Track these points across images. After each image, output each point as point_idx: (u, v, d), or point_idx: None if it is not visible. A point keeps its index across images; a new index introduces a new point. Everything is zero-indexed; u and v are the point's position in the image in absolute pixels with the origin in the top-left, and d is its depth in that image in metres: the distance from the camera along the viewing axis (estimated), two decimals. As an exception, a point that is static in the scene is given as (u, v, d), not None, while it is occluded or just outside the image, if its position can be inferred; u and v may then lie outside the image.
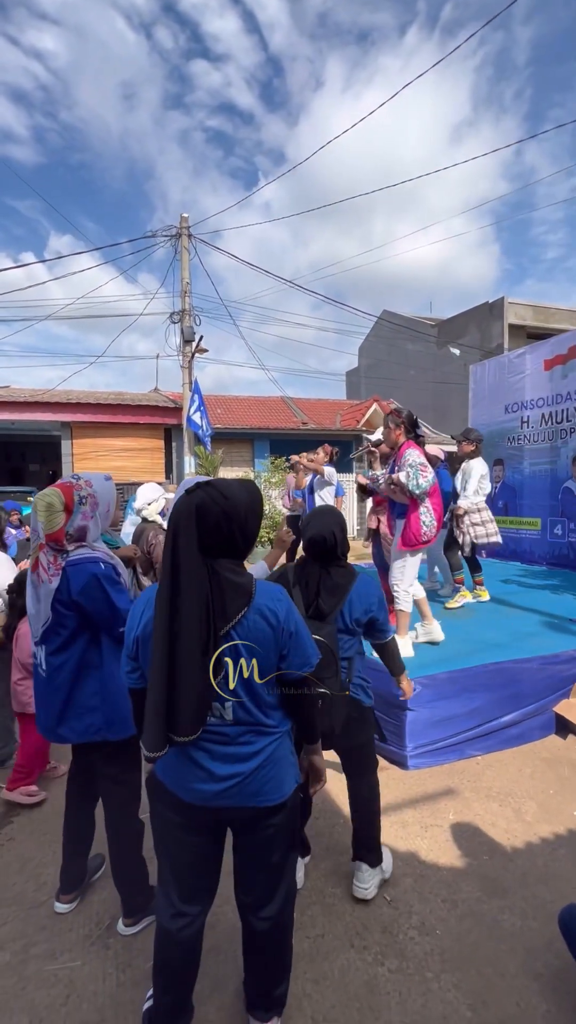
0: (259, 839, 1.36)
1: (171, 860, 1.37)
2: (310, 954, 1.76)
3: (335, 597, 1.86)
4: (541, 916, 1.90)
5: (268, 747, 1.31)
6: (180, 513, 1.21)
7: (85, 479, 1.80)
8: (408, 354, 20.94)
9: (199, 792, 1.29)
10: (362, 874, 1.98)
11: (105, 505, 1.83)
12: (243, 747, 1.29)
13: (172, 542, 1.20)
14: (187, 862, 1.37)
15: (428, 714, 2.94)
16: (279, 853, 1.39)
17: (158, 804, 1.37)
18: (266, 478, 12.01)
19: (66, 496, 1.73)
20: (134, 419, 14.23)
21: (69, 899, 1.98)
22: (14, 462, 19.01)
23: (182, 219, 11.24)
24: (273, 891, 1.40)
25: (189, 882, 1.37)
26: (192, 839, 1.35)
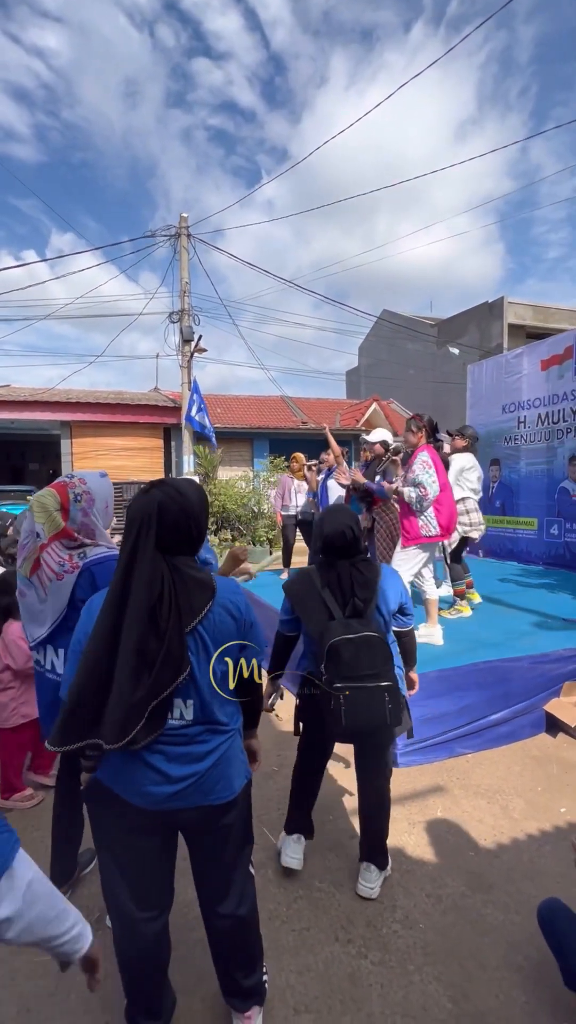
0: (213, 838, 1.36)
1: (120, 868, 1.31)
2: (295, 946, 1.79)
3: (367, 591, 1.86)
4: (524, 911, 1.93)
5: (222, 745, 1.32)
6: (140, 512, 1.23)
7: (79, 477, 1.82)
8: (408, 354, 20.95)
9: (152, 795, 1.25)
10: (371, 875, 2.01)
11: (103, 502, 1.84)
12: (199, 746, 1.28)
13: (132, 540, 1.22)
14: (140, 868, 1.32)
15: (418, 712, 2.96)
16: (233, 849, 1.39)
17: (102, 811, 1.32)
18: (265, 477, 12.03)
19: (60, 495, 1.75)
20: (134, 418, 14.27)
21: (61, 891, 2.00)
22: (14, 461, 19.07)
23: (181, 219, 11.27)
24: (229, 887, 1.40)
25: (144, 887, 1.34)
26: (143, 843, 1.31)
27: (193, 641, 1.25)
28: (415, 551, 3.46)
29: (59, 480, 1.82)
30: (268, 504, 11.51)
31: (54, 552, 1.71)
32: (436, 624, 3.63)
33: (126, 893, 1.31)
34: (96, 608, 1.31)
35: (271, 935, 1.82)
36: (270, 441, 15.61)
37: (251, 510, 11.36)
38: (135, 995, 1.41)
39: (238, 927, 1.42)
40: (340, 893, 2.02)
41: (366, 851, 2.05)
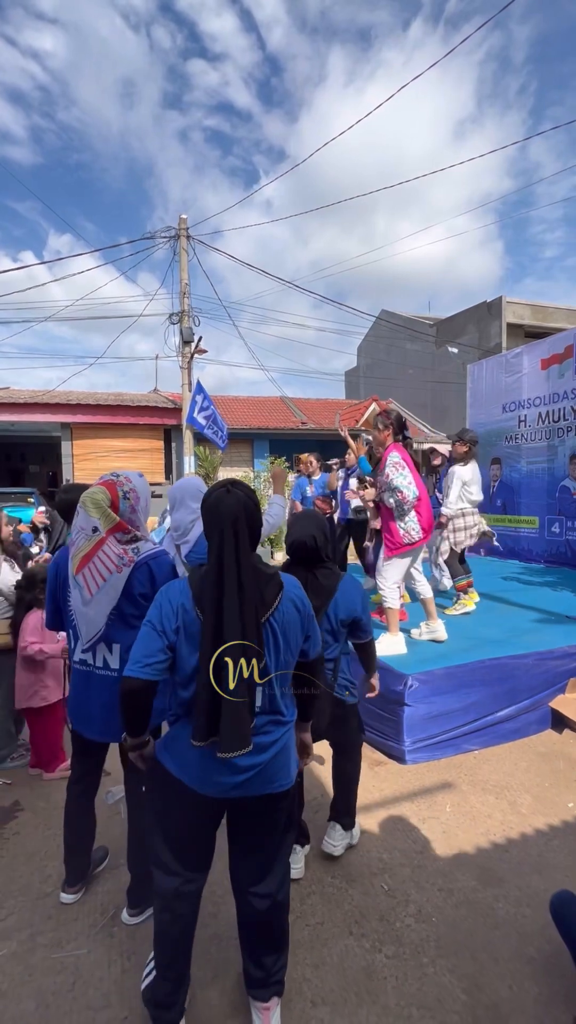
0: (266, 822, 1.43)
1: (172, 839, 1.41)
2: (310, 941, 1.81)
3: (320, 599, 1.92)
4: (535, 904, 1.95)
5: (283, 736, 1.39)
6: (233, 510, 1.28)
7: (124, 476, 1.88)
8: (407, 354, 20.99)
9: (219, 784, 1.32)
10: (335, 832, 2.16)
11: (144, 500, 1.91)
12: (265, 736, 1.34)
13: (233, 539, 1.26)
14: (189, 840, 1.42)
15: (425, 709, 2.99)
16: (280, 834, 1.46)
17: (164, 795, 1.40)
18: (265, 478, 12.06)
19: (111, 492, 1.80)
20: (134, 420, 14.29)
21: (74, 890, 2.02)
22: (14, 463, 19.07)
23: (180, 220, 11.29)
24: (271, 869, 1.46)
25: (189, 855, 1.43)
26: (198, 822, 1.40)
27: (265, 633, 1.31)
28: (398, 560, 3.42)
29: (106, 478, 1.86)
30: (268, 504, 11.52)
31: (113, 545, 1.74)
32: (436, 619, 3.64)
33: (172, 856, 1.40)
34: (175, 598, 1.34)
35: (285, 930, 1.84)
36: (270, 442, 15.64)
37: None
38: (165, 959, 1.46)
39: (274, 909, 1.47)
40: (352, 888, 2.04)
41: (333, 811, 2.22)
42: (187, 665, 1.31)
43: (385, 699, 2.98)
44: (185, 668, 1.32)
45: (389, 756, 3.00)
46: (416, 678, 3.01)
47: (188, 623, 1.31)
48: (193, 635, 1.30)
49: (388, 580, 3.44)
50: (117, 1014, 1.57)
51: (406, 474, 3.30)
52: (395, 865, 2.16)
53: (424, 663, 3.20)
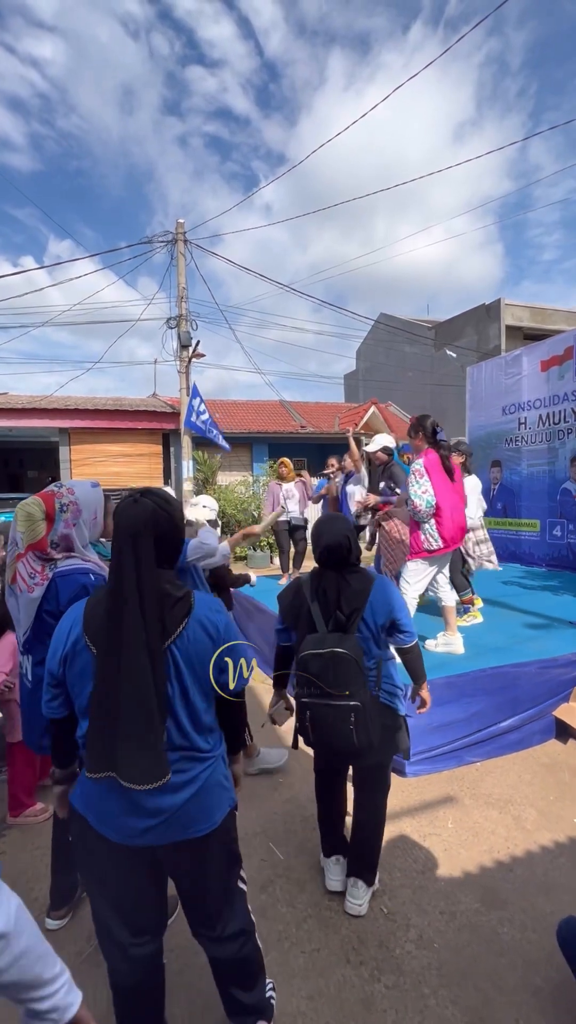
0: (195, 869, 1.27)
1: (106, 898, 1.24)
2: (305, 969, 1.72)
3: (356, 604, 1.81)
4: (540, 928, 1.86)
5: (201, 774, 1.23)
6: (137, 521, 1.16)
7: (67, 487, 1.78)
8: (406, 356, 20.97)
9: (125, 829, 1.17)
10: (358, 891, 1.95)
11: (91, 512, 1.80)
12: (176, 776, 1.18)
13: (132, 552, 1.15)
14: (122, 897, 1.24)
15: (426, 720, 2.90)
16: (216, 877, 1.30)
17: (79, 839, 1.24)
18: (265, 482, 11.99)
19: (47, 504, 1.71)
20: (132, 424, 14.23)
21: (60, 915, 1.95)
22: (12, 469, 19.02)
23: (178, 225, 11.27)
24: (216, 911, 1.32)
25: (132, 916, 1.26)
26: (124, 875, 1.22)
27: (167, 662, 1.17)
28: (421, 564, 3.38)
29: (48, 489, 1.78)
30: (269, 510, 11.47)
31: (27, 563, 1.68)
32: (455, 632, 3.55)
33: (115, 920, 1.25)
34: (65, 624, 1.24)
35: (280, 958, 1.76)
36: (269, 445, 15.57)
37: (251, 515, 11.32)
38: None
39: (231, 945, 1.36)
40: (350, 911, 1.96)
41: (355, 866, 1.98)
42: (81, 698, 1.20)
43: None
44: (80, 701, 1.21)
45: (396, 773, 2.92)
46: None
47: (78, 651, 1.20)
48: (85, 666, 1.19)
49: (408, 585, 3.37)
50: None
51: (423, 483, 3.24)
52: (395, 886, 2.08)
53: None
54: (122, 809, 1.16)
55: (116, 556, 1.17)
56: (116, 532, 1.18)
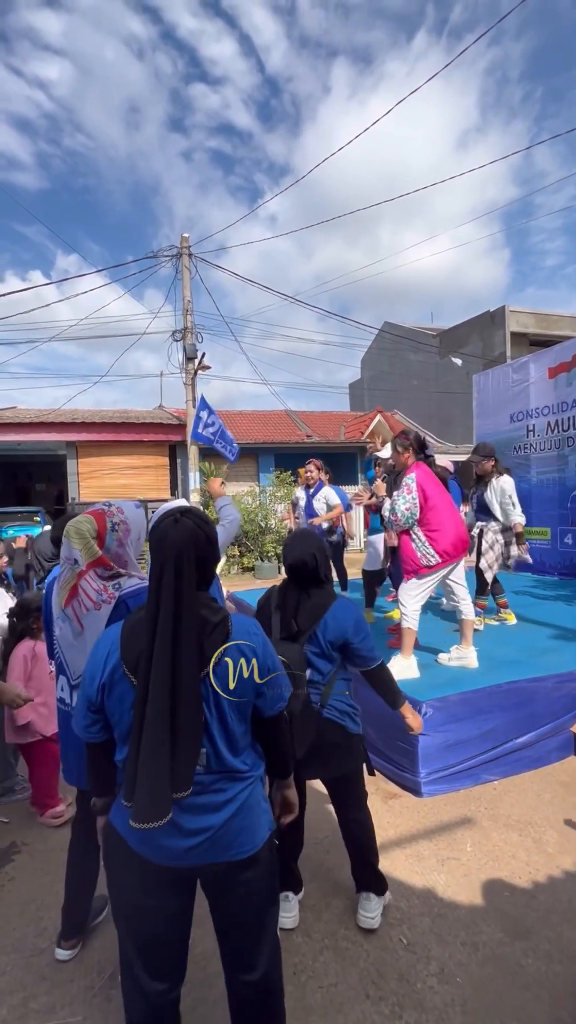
0: (234, 897, 1.23)
1: (135, 934, 1.22)
2: (323, 1006, 1.66)
3: (310, 619, 1.86)
4: (566, 959, 1.79)
5: (241, 794, 1.20)
6: (179, 542, 1.15)
7: (116, 506, 1.78)
8: (410, 365, 20.99)
9: (166, 849, 1.15)
10: (369, 904, 1.95)
11: (136, 532, 1.79)
12: (215, 795, 1.17)
13: (174, 575, 1.13)
14: (155, 934, 1.22)
15: (441, 738, 2.85)
16: (256, 910, 1.25)
17: (117, 867, 1.21)
18: (271, 492, 11.98)
19: (98, 523, 1.70)
20: (138, 437, 14.32)
21: (70, 945, 1.90)
22: (21, 482, 19.16)
23: (182, 239, 11.40)
24: (253, 952, 1.26)
25: (159, 957, 1.23)
26: (160, 905, 1.20)
27: (205, 689, 1.15)
28: (417, 581, 3.30)
29: (97, 507, 1.76)
30: (275, 519, 11.44)
31: (91, 580, 1.65)
32: (470, 646, 3.47)
33: (140, 964, 1.22)
34: (102, 649, 1.23)
35: (296, 993, 1.70)
36: (275, 456, 15.59)
37: (258, 525, 11.29)
38: None
39: (260, 995, 1.30)
40: (368, 942, 1.89)
41: (361, 881, 1.99)
42: (120, 724, 1.19)
43: (398, 728, 2.83)
44: (120, 727, 1.19)
45: (404, 788, 2.85)
46: (430, 705, 2.87)
47: (116, 679, 1.18)
48: (123, 693, 1.17)
49: (407, 603, 3.31)
50: None
51: (409, 499, 3.19)
52: (414, 915, 2.01)
53: (438, 688, 3.05)
54: (163, 830, 1.12)
55: (156, 578, 1.14)
56: (158, 553, 1.16)
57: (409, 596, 3.31)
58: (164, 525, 1.18)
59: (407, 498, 3.20)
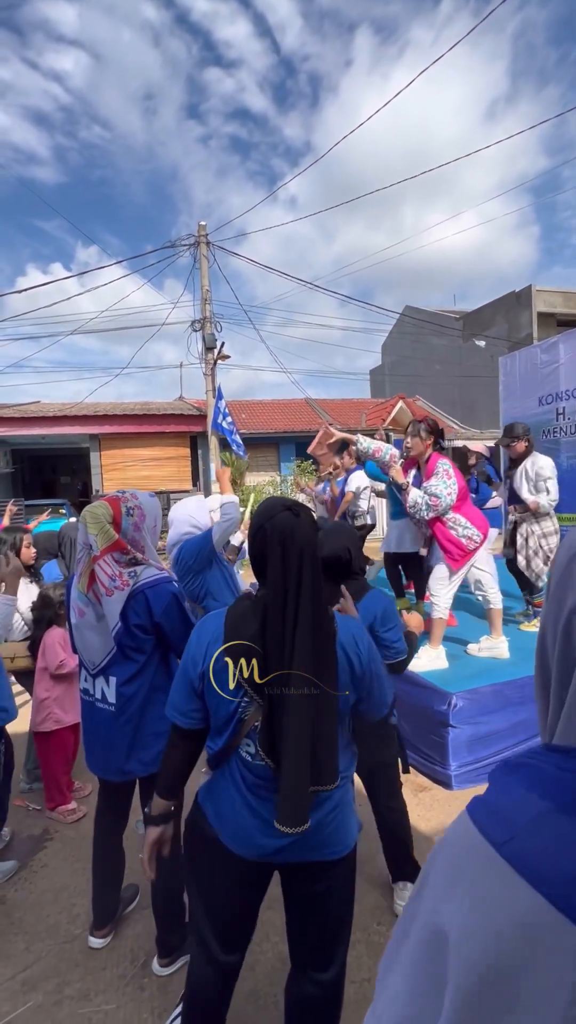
0: (319, 893, 1.22)
1: (212, 914, 1.24)
2: (356, 1001, 1.63)
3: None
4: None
5: (336, 793, 1.18)
6: (306, 537, 1.12)
7: (131, 493, 1.79)
8: (433, 349, 20.57)
9: (261, 847, 1.15)
10: (406, 893, 1.96)
11: (152, 519, 1.80)
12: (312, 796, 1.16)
13: (306, 570, 1.10)
14: (230, 916, 1.25)
15: (472, 731, 2.78)
16: (339, 908, 1.24)
17: (204, 856, 1.22)
18: (293, 481, 11.93)
19: (113, 508, 1.71)
20: (160, 428, 14.40)
21: (103, 933, 1.91)
22: (45, 475, 19.51)
23: (200, 227, 11.30)
24: (332, 952, 1.25)
25: (231, 934, 1.27)
26: (241, 893, 1.23)
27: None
28: (449, 570, 3.19)
29: (112, 494, 1.78)
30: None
31: (106, 565, 1.64)
32: (501, 636, 3.38)
33: (212, 933, 1.25)
34: (204, 637, 1.19)
35: (329, 987, 1.67)
36: (296, 445, 15.51)
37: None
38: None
39: (324, 996, 1.27)
40: (401, 937, 1.86)
41: (397, 872, 2.02)
42: (217, 715, 1.17)
43: (429, 720, 2.78)
44: (216, 716, 1.18)
45: (435, 781, 2.80)
46: (461, 697, 2.80)
47: (218, 670, 1.15)
48: (225, 683, 1.15)
49: (439, 589, 3.22)
50: None
51: (451, 484, 3.11)
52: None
53: (469, 680, 2.98)
54: (258, 828, 1.14)
55: (282, 573, 1.09)
56: (284, 546, 1.11)
57: (441, 585, 3.23)
58: (285, 517, 1.13)
59: (448, 483, 3.11)
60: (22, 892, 2.19)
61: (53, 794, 2.70)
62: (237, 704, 1.14)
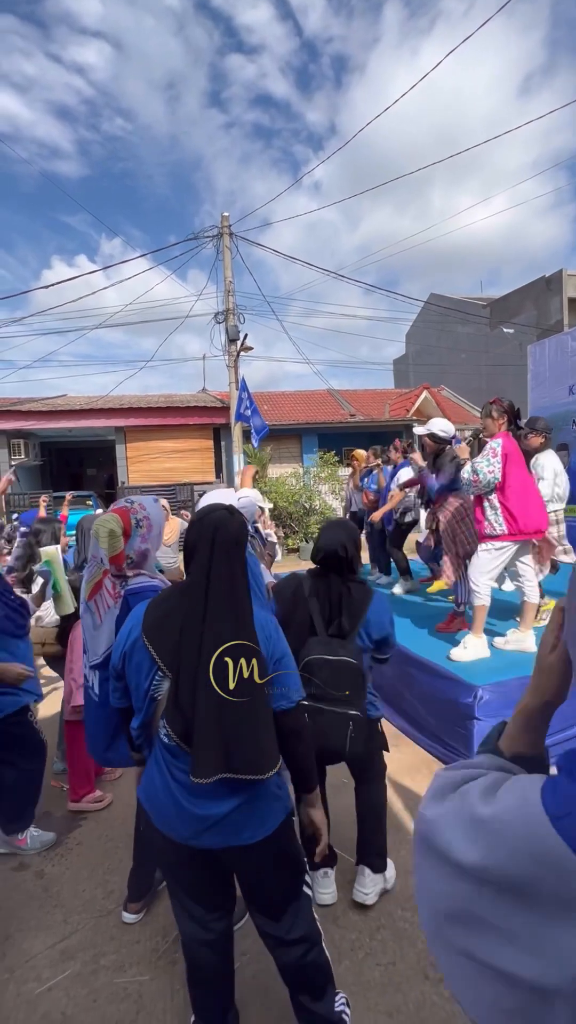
0: (251, 872, 1.31)
1: (177, 888, 1.34)
2: (381, 983, 1.67)
3: (356, 616, 1.85)
4: None
5: (259, 785, 1.21)
6: (234, 532, 1.28)
7: (139, 503, 1.80)
8: (458, 338, 20.16)
9: (179, 830, 1.23)
10: (364, 879, 1.97)
11: (157, 528, 1.83)
12: (221, 786, 1.18)
13: (235, 558, 1.25)
14: (193, 885, 1.33)
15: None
16: (276, 880, 1.33)
17: (148, 830, 1.34)
18: (315, 473, 11.90)
19: (124, 520, 1.73)
20: (184, 420, 14.51)
21: (136, 909, 1.99)
22: (73, 468, 19.90)
23: (223, 219, 11.28)
24: (278, 912, 1.34)
25: (203, 897, 1.34)
26: (193, 873, 1.31)
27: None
28: (490, 553, 3.19)
29: (120, 504, 1.79)
30: (320, 500, 11.39)
31: (110, 579, 1.70)
32: (529, 630, 3.35)
33: (189, 900, 1.34)
34: (126, 630, 1.32)
35: (355, 968, 1.72)
36: (319, 436, 15.45)
37: (303, 507, 11.27)
38: (202, 1007, 1.41)
39: (295, 950, 1.36)
40: (426, 924, 1.88)
41: (361, 854, 2.02)
42: (136, 693, 1.28)
43: (453, 712, 2.78)
44: (135, 695, 1.29)
45: (458, 772, 2.81)
46: (487, 689, 2.79)
47: (136, 648, 1.26)
48: (140, 661, 1.25)
49: (478, 576, 3.19)
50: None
51: (493, 462, 3.10)
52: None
53: (495, 672, 2.96)
54: (174, 813, 1.23)
55: (208, 559, 1.22)
56: (214, 538, 1.24)
57: (480, 572, 3.19)
58: (217, 516, 1.28)
59: (491, 461, 3.10)
60: (59, 867, 2.29)
61: (77, 785, 2.73)
62: (149, 683, 1.23)
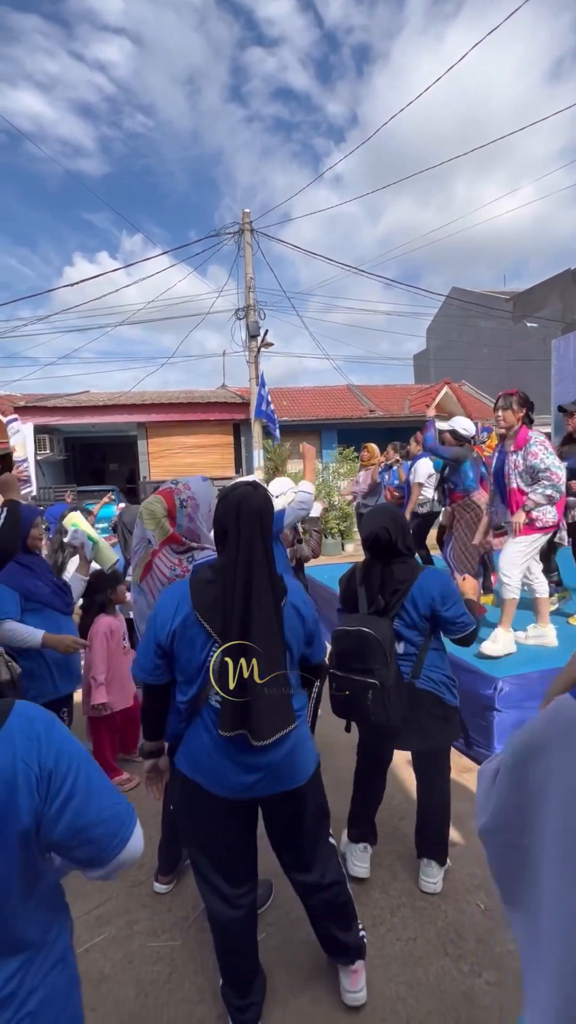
0: (292, 813, 1.44)
1: (208, 854, 1.42)
2: (402, 957, 1.74)
3: (396, 594, 1.89)
4: None
5: (293, 733, 1.37)
6: (259, 504, 1.38)
7: (183, 483, 1.88)
8: (480, 332, 19.90)
9: (234, 785, 1.34)
10: (432, 870, 2.02)
11: (206, 506, 1.87)
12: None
13: (263, 530, 1.36)
14: (225, 851, 1.42)
15: (517, 715, 2.79)
16: (309, 823, 1.46)
17: (186, 802, 1.41)
18: (335, 469, 11.92)
19: (167, 501, 1.81)
20: (204, 416, 14.65)
21: (167, 880, 2.09)
22: (95, 463, 20.24)
23: (244, 215, 11.33)
24: (309, 856, 1.48)
25: (231, 868, 1.43)
26: (228, 829, 1.40)
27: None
28: (520, 550, 3.13)
29: (165, 487, 1.87)
30: (338, 496, 11.42)
31: (165, 557, 1.77)
32: (548, 623, 3.35)
33: (218, 878, 1.42)
34: (172, 607, 1.39)
35: (376, 942, 1.78)
36: (338, 432, 15.44)
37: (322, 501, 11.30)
38: (231, 972, 1.50)
39: (328, 893, 1.51)
40: (445, 904, 1.94)
41: (426, 848, 2.06)
42: (189, 667, 1.35)
43: (474, 703, 2.82)
44: (187, 669, 1.36)
45: (477, 764, 2.84)
46: (507, 682, 2.82)
47: (188, 625, 1.34)
48: (194, 637, 1.33)
49: (510, 568, 3.14)
50: (212, 1011, 1.59)
51: (553, 454, 3.09)
52: (490, 882, 2.02)
53: (516, 665, 2.99)
54: (232, 768, 1.34)
55: (236, 535, 1.33)
56: (239, 511, 1.34)
57: (512, 564, 3.15)
58: (243, 491, 1.39)
59: (553, 454, 3.07)
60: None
61: (109, 763, 2.84)
62: (205, 656, 1.32)
